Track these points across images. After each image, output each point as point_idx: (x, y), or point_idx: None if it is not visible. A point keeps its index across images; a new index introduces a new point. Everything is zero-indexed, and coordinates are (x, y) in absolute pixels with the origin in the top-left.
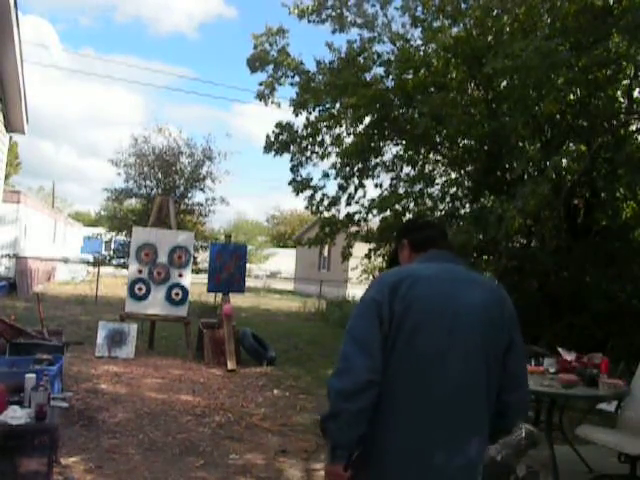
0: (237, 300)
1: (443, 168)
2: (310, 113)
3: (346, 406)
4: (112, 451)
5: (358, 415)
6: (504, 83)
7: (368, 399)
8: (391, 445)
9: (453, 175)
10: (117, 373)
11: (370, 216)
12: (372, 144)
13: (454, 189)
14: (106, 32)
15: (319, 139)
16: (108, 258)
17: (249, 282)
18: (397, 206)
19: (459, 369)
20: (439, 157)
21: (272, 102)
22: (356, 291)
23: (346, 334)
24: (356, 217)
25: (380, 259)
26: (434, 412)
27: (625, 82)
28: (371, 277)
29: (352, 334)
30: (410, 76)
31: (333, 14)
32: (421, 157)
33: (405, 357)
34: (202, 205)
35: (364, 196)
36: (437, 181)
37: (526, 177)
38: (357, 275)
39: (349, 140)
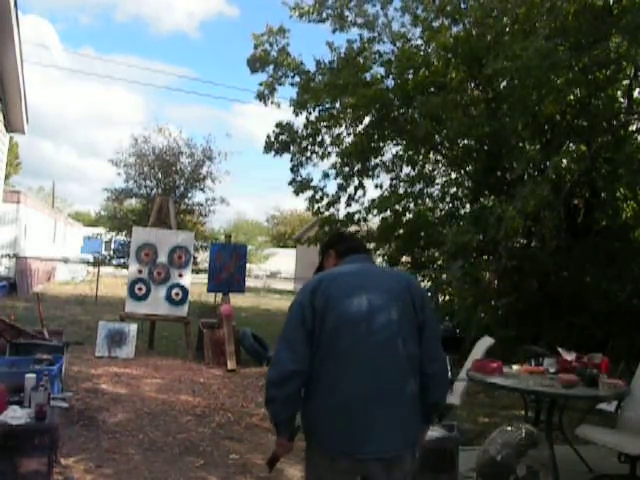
0: (237, 300)
1: (443, 168)
2: (310, 113)
3: (276, 392)
4: (112, 451)
5: (287, 398)
6: (504, 83)
7: (294, 386)
8: (321, 417)
9: (453, 175)
10: (117, 373)
11: (370, 216)
12: (372, 144)
13: (454, 189)
14: (106, 31)
15: (319, 139)
16: (108, 258)
17: (249, 282)
18: (397, 206)
19: (378, 348)
20: (439, 157)
21: (272, 102)
22: None
23: (279, 335)
24: (356, 217)
25: (380, 259)
26: (356, 387)
27: (625, 82)
28: None
29: (282, 334)
30: (410, 76)
31: (333, 14)
32: (421, 157)
33: (330, 343)
34: (202, 205)
35: (364, 196)
36: (437, 181)
37: (526, 177)
38: None
39: (349, 140)
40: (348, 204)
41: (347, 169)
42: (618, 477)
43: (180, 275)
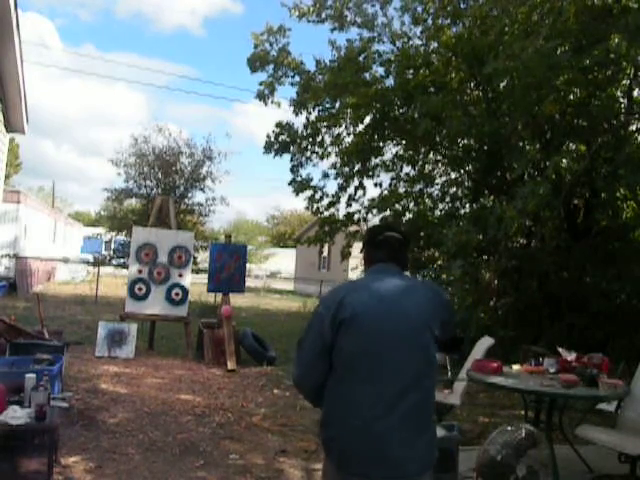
0: (237, 300)
1: (443, 168)
2: (310, 113)
3: (301, 390)
4: (112, 451)
5: (310, 393)
6: (504, 83)
7: (314, 391)
8: (339, 437)
9: (453, 175)
10: (117, 373)
11: (370, 216)
12: (372, 144)
13: (454, 189)
14: (107, 28)
15: (319, 139)
16: (108, 258)
17: (249, 282)
18: (397, 206)
19: (401, 371)
20: (439, 157)
21: (272, 102)
22: None
23: (298, 344)
24: (356, 217)
25: None
26: (379, 400)
27: (625, 82)
28: None
29: (301, 344)
30: (410, 76)
31: (333, 14)
32: (421, 157)
33: (351, 363)
34: (202, 205)
35: (364, 195)
36: (437, 181)
37: (526, 177)
38: (357, 275)
39: (349, 140)
40: (348, 204)
41: (347, 169)
42: (618, 477)
43: (180, 275)
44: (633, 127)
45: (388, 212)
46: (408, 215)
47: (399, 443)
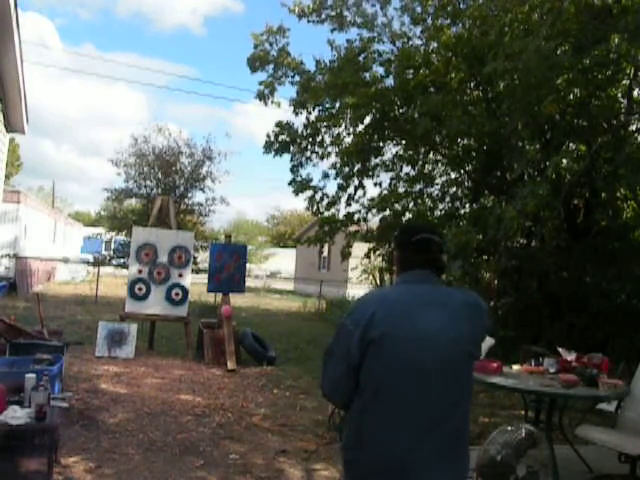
0: (237, 300)
1: (443, 168)
2: (310, 113)
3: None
4: (112, 451)
5: (341, 406)
6: (504, 83)
7: (341, 402)
8: (365, 465)
9: (453, 175)
10: (117, 373)
11: (370, 216)
12: (372, 144)
13: (454, 189)
14: (107, 27)
15: (319, 139)
16: (108, 258)
17: (249, 282)
18: (397, 206)
19: (436, 384)
20: (439, 157)
21: (272, 102)
22: (356, 291)
23: (325, 354)
24: (356, 217)
25: (380, 259)
26: (412, 429)
27: (625, 82)
28: (371, 277)
29: (327, 354)
30: (410, 76)
31: (332, 14)
32: (421, 157)
33: (380, 388)
34: (202, 205)
35: (364, 195)
36: (437, 181)
37: (526, 177)
38: (357, 275)
39: (349, 140)
40: (348, 204)
41: (347, 169)
42: (618, 477)
43: (180, 275)
44: (633, 127)
45: (388, 212)
46: (408, 215)
47: (433, 474)
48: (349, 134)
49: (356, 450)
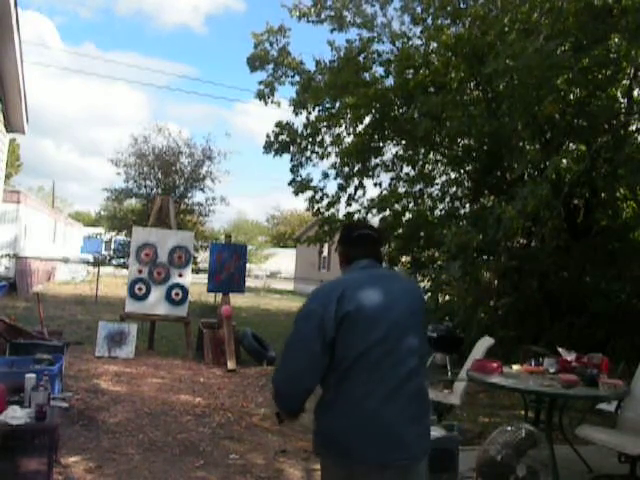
0: (237, 300)
1: (443, 168)
2: (310, 113)
3: (286, 402)
4: (112, 451)
5: (299, 404)
6: (504, 83)
7: (305, 398)
8: (346, 431)
9: (453, 175)
10: (117, 373)
11: (370, 216)
12: (372, 144)
13: (454, 189)
14: (107, 25)
15: (319, 139)
16: (108, 258)
17: (249, 282)
18: (397, 206)
19: (405, 361)
20: (439, 157)
21: (272, 102)
22: None
23: (289, 342)
24: (356, 217)
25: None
26: (385, 387)
27: (625, 82)
28: None
29: (293, 344)
30: (410, 76)
31: (332, 14)
32: (421, 157)
33: (358, 356)
34: (202, 205)
35: (363, 196)
36: (437, 181)
37: (526, 177)
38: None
39: (349, 140)
40: (348, 203)
41: (347, 169)
42: (618, 477)
43: (180, 275)
44: (633, 127)
45: (388, 212)
46: (408, 215)
47: (409, 424)
48: (349, 134)
49: (329, 418)
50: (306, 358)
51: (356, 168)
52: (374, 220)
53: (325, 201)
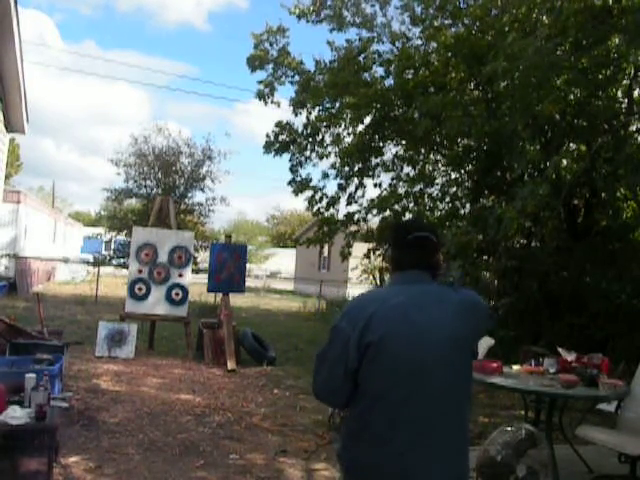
0: (237, 300)
1: (443, 168)
2: (310, 113)
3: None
4: (112, 451)
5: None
6: (504, 83)
7: (336, 404)
8: (366, 467)
9: (453, 175)
10: (117, 373)
11: (370, 216)
12: (372, 144)
13: (454, 189)
14: (108, 23)
15: (319, 139)
16: (108, 258)
17: (249, 282)
18: (396, 206)
19: (436, 400)
20: (439, 157)
21: (272, 102)
22: (356, 291)
23: (317, 357)
24: (355, 217)
25: (380, 259)
26: (413, 429)
27: (625, 82)
28: (371, 277)
29: (320, 358)
30: (410, 76)
31: (332, 14)
32: (421, 157)
33: (381, 390)
34: (202, 205)
35: (363, 196)
36: (437, 181)
37: (526, 177)
38: (357, 275)
39: (349, 140)
40: (349, 202)
41: (347, 169)
42: (618, 477)
43: (180, 275)
44: (633, 127)
45: (388, 212)
46: (408, 215)
47: (434, 474)
48: (349, 134)
49: (356, 450)
50: (329, 380)
51: (356, 168)
52: (374, 220)
53: (325, 201)
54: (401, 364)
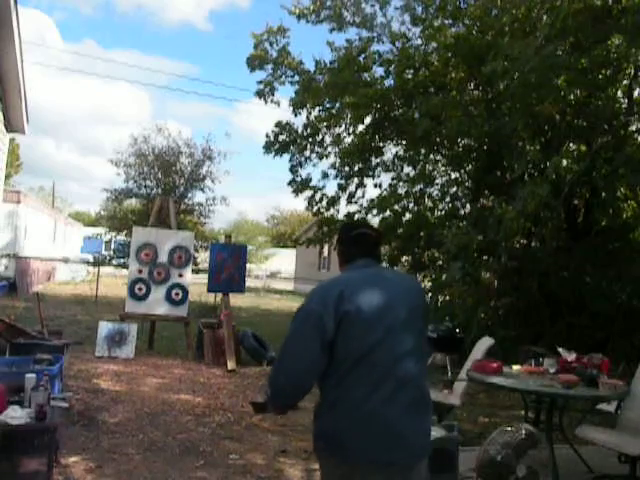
0: (237, 300)
1: (443, 168)
2: (310, 113)
3: (282, 400)
4: (112, 451)
5: (294, 401)
6: (504, 83)
7: (302, 396)
8: (347, 429)
9: (453, 175)
10: (117, 373)
11: (370, 216)
12: (372, 144)
13: (454, 189)
14: (108, 22)
15: (319, 139)
16: (108, 258)
17: (249, 282)
18: (397, 206)
19: (405, 341)
20: (439, 157)
21: (272, 101)
22: None
23: (287, 341)
24: (355, 217)
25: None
26: (389, 386)
27: (625, 82)
28: None
29: (291, 343)
30: (410, 76)
31: (331, 14)
32: (421, 157)
33: (358, 355)
34: (202, 205)
35: (363, 196)
36: (437, 181)
37: (526, 177)
38: None
39: (349, 140)
40: (349, 202)
41: (347, 169)
42: (618, 477)
43: (180, 275)
44: (633, 127)
45: (388, 212)
46: (408, 215)
47: (410, 424)
48: (349, 134)
49: (339, 417)
50: (305, 358)
51: (356, 168)
52: (374, 220)
53: (325, 201)
54: (374, 330)
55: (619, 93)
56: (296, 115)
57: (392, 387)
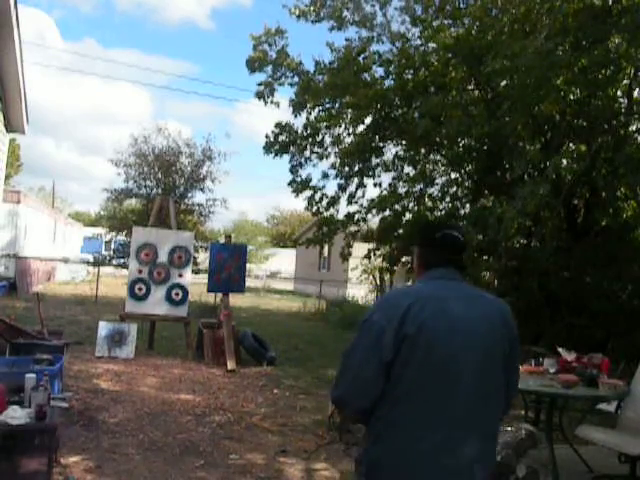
0: (237, 300)
1: (443, 168)
2: (310, 113)
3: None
4: (112, 451)
5: (358, 413)
6: (504, 83)
7: (361, 409)
8: (395, 465)
9: (453, 175)
10: (117, 373)
11: (370, 216)
12: (372, 144)
13: (454, 189)
14: (108, 20)
15: (319, 139)
16: (108, 258)
17: (249, 282)
18: (397, 206)
19: (471, 379)
20: (439, 157)
21: (271, 102)
22: (356, 291)
23: (345, 356)
24: (355, 217)
25: (380, 259)
26: (451, 418)
27: (625, 82)
28: (371, 277)
29: (348, 360)
30: (410, 76)
31: (332, 13)
32: (421, 157)
33: (417, 383)
34: (202, 205)
35: (363, 196)
36: (437, 181)
37: (526, 177)
38: (357, 275)
39: (349, 140)
40: (349, 202)
41: (347, 169)
42: (618, 477)
43: (180, 275)
44: (633, 127)
45: (388, 212)
46: (408, 215)
47: (466, 472)
48: (349, 134)
49: (380, 447)
50: (364, 375)
51: (356, 168)
52: (374, 220)
53: (325, 201)
54: (435, 357)
55: (619, 93)
56: (296, 116)
57: (448, 427)
